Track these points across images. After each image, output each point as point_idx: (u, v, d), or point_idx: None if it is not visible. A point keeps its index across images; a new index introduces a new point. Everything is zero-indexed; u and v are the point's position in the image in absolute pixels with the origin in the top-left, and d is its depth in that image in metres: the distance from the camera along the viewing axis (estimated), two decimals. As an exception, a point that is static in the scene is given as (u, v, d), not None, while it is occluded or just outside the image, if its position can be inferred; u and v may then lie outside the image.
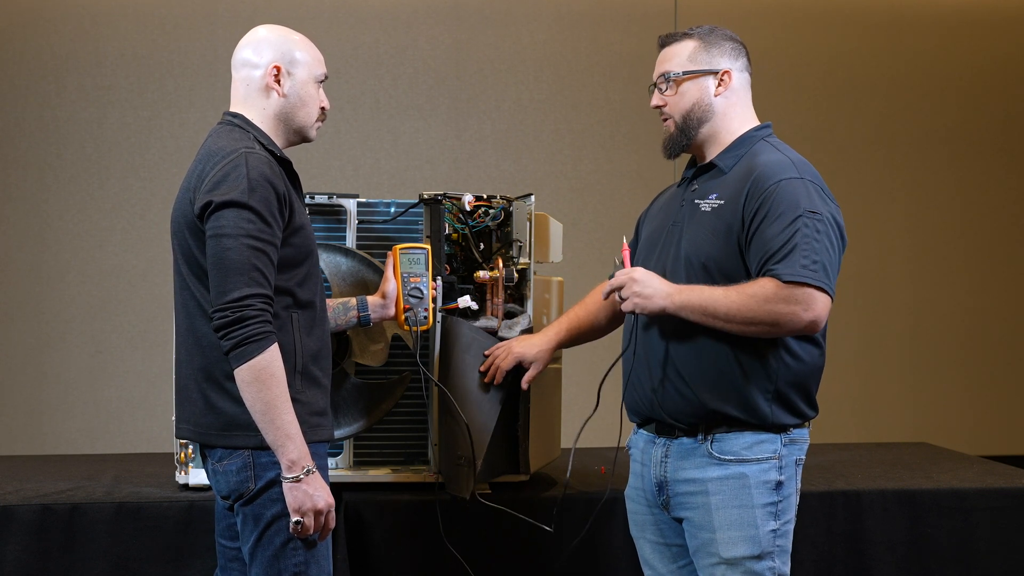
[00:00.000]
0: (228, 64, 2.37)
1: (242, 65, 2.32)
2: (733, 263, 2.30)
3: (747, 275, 2.29)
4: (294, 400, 2.16)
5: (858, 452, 3.65)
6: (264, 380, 2.11)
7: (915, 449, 3.78)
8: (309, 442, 2.18)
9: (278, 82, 2.30)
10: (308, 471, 2.16)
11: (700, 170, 2.44)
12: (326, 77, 2.38)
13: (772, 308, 2.20)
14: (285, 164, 2.30)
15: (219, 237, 2.14)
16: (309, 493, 2.16)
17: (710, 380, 2.31)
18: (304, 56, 2.33)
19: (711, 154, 2.43)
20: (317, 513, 2.18)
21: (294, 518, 2.17)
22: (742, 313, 2.21)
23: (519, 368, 2.70)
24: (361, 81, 5.35)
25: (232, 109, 2.34)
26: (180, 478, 2.91)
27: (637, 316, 2.40)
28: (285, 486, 2.16)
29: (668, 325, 2.35)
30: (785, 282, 2.20)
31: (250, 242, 2.13)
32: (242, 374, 2.12)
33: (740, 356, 2.29)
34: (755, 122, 2.44)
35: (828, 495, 2.96)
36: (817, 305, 2.20)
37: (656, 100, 2.45)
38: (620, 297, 2.34)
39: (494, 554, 2.83)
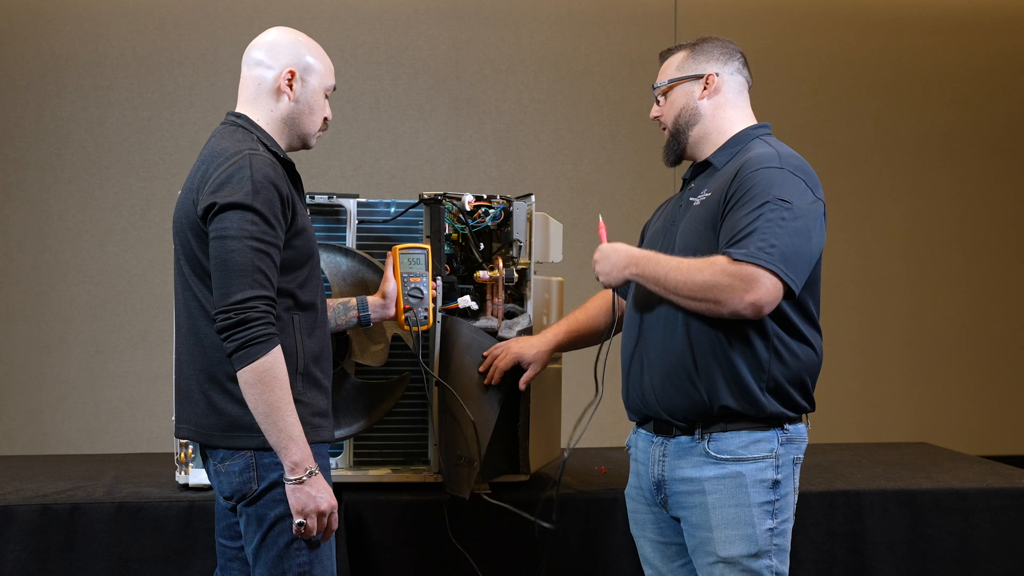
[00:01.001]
0: (228, 64, 2.38)
1: (255, 64, 2.31)
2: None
3: None
4: (296, 401, 2.16)
5: (858, 452, 3.65)
6: (267, 382, 2.11)
7: (915, 449, 3.78)
8: (310, 443, 2.18)
9: (291, 87, 2.30)
10: (311, 473, 2.16)
11: (697, 170, 2.48)
12: (335, 88, 2.39)
13: (712, 286, 2.21)
14: (288, 166, 2.30)
15: (223, 239, 2.14)
16: (312, 495, 2.17)
17: (705, 375, 2.31)
18: (319, 65, 2.34)
19: (705, 155, 2.46)
20: (320, 514, 2.19)
21: (297, 520, 2.17)
22: (687, 287, 2.24)
23: (519, 368, 2.70)
24: (361, 81, 5.36)
25: (238, 108, 2.33)
26: (180, 478, 2.91)
27: (638, 316, 2.41)
28: (288, 488, 2.17)
29: (663, 323, 2.36)
30: (734, 260, 2.20)
31: (254, 244, 2.13)
32: (245, 376, 2.12)
33: (734, 352, 2.29)
34: (751, 123, 2.46)
35: (828, 495, 2.96)
36: (760, 288, 2.19)
37: (653, 112, 2.54)
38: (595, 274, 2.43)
39: (494, 554, 2.83)
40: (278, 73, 2.29)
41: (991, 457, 3.68)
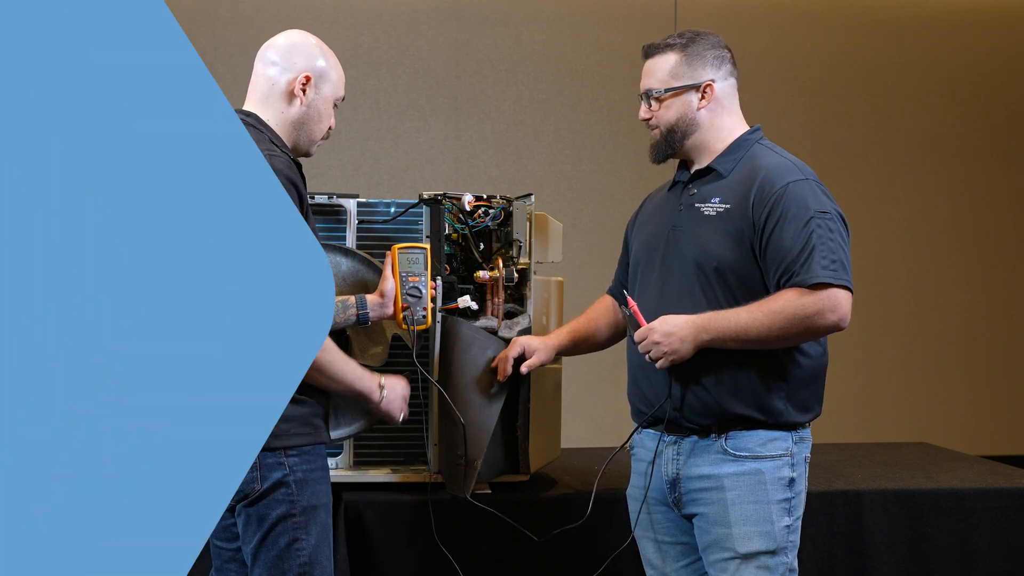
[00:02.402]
0: (228, 64, 2.38)
1: (271, 64, 2.31)
2: (748, 267, 2.32)
3: (762, 278, 2.31)
4: (299, 402, 2.17)
5: (858, 452, 3.65)
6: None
7: (915, 449, 3.78)
8: (311, 444, 2.19)
9: (304, 91, 2.30)
10: (382, 385, 2.40)
11: (697, 174, 2.46)
12: (343, 99, 2.40)
13: (801, 318, 2.24)
14: (297, 167, 2.30)
15: None
16: (397, 394, 2.44)
17: (727, 384, 2.34)
18: (334, 74, 2.35)
19: (702, 160, 2.45)
20: (405, 400, 2.48)
21: (400, 416, 2.46)
22: (774, 332, 2.25)
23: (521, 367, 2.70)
24: (361, 81, 5.35)
25: (247, 107, 2.33)
26: (180, 478, 2.90)
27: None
28: (384, 405, 2.41)
29: None
30: (809, 287, 2.23)
31: None
32: None
33: (753, 359, 2.31)
34: (745, 126, 2.47)
35: (828, 495, 2.96)
36: (842, 304, 2.25)
37: (643, 114, 2.50)
38: (650, 358, 2.35)
39: (495, 553, 2.83)
40: (294, 76, 2.30)
41: (991, 457, 3.67)
